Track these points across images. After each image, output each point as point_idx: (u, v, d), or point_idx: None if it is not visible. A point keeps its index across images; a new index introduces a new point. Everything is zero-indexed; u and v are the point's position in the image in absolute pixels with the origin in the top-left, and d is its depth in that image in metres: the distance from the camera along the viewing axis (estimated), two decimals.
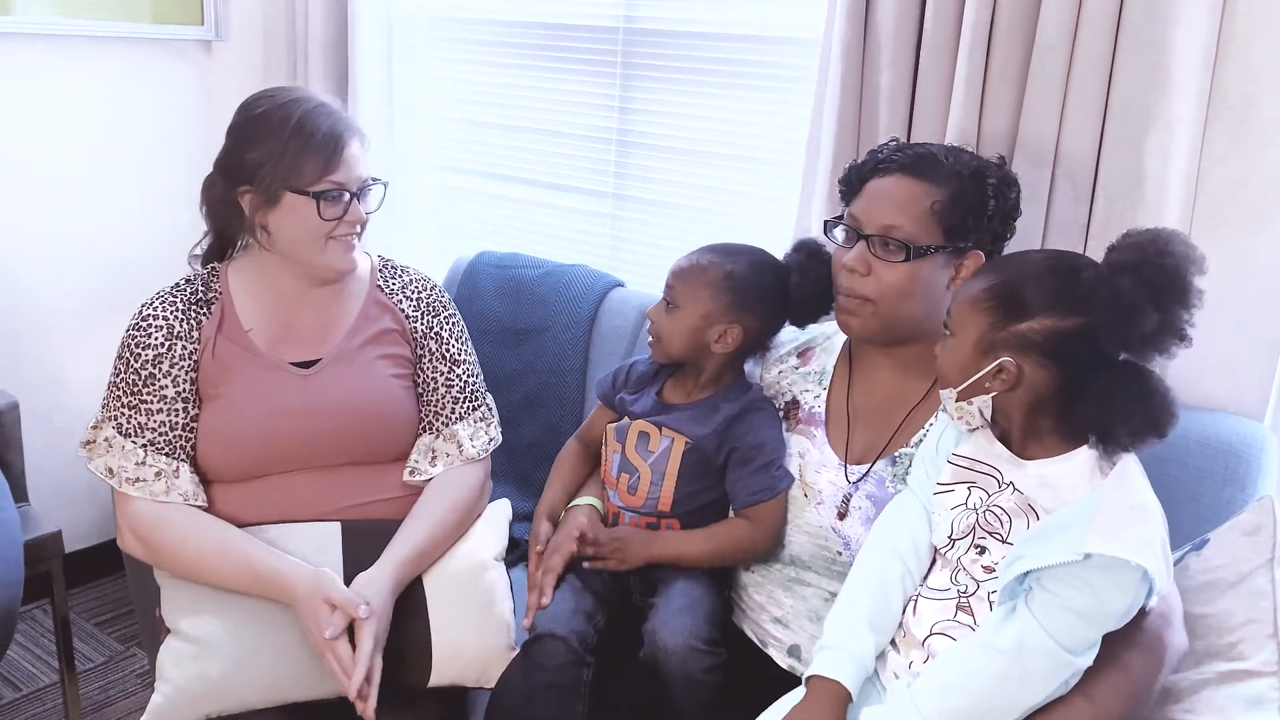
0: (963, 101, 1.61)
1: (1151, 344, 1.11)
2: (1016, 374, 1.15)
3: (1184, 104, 1.50)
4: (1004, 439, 1.22)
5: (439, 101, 2.54)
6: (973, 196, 1.39)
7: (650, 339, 1.55)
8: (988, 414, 1.20)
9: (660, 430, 1.53)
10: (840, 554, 1.43)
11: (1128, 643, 1.15)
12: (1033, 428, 1.19)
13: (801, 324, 1.58)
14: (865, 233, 1.40)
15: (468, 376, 1.66)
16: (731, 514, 1.52)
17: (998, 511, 1.20)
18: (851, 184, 1.47)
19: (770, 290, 1.52)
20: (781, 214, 2.00)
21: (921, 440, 1.42)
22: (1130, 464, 1.16)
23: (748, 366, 1.60)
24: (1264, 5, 1.49)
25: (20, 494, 2.10)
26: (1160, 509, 1.16)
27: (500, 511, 1.63)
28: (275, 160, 1.48)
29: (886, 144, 1.48)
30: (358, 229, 1.55)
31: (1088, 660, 1.13)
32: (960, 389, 1.20)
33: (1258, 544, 1.30)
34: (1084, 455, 1.16)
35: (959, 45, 1.61)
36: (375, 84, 2.45)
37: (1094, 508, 1.11)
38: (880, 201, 1.41)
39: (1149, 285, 1.08)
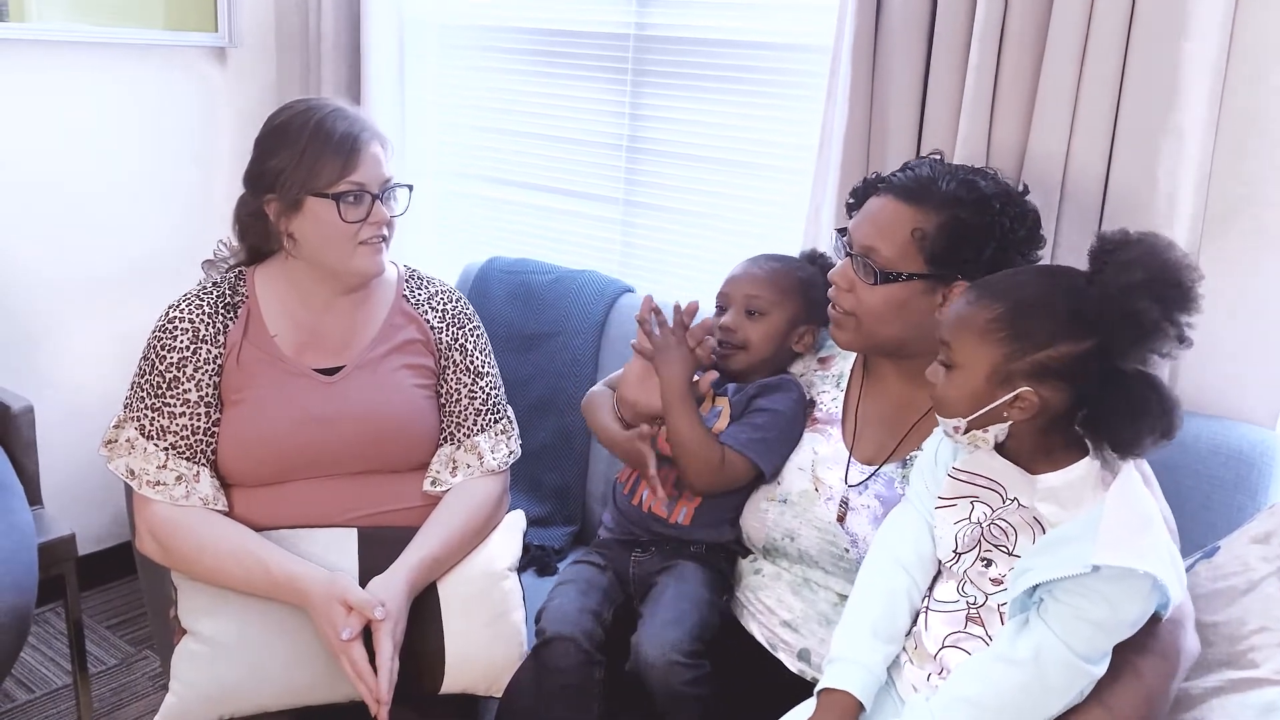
0: (971, 110, 1.62)
1: (1160, 353, 1.11)
2: (1037, 402, 1.14)
3: (1194, 115, 1.50)
4: (1007, 453, 1.21)
5: (450, 107, 2.55)
6: (969, 227, 1.37)
7: (727, 349, 1.57)
8: (1003, 438, 1.19)
9: (715, 400, 1.59)
10: (848, 550, 1.44)
11: (1142, 649, 1.16)
12: (1044, 445, 1.18)
13: None
14: (852, 250, 1.43)
15: (490, 389, 1.66)
16: None
17: (1003, 525, 1.20)
18: (857, 198, 1.50)
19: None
20: (791, 220, 2.01)
21: None
22: (1131, 473, 1.16)
23: None
24: (1274, 18, 1.49)
25: (34, 497, 2.11)
26: (1162, 517, 1.16)
27: (515, 522, 1.63)
28: (295, 164, 1.49)
29: (916, 160, 1.48)
30: (384, 231, 1.54)
31: (1102, 669, 1.13)
32: (972, 419, 1.18)
33: (1268, 551, 1.31)
34: (1085, 466, 1.16)
35: (969, 55, 1.62)
36: (387, 90, 2.47)
37: (1099, 520, 1.11)
38: (868, 222, 1.43)
39: (1162, 302, 1.09)
